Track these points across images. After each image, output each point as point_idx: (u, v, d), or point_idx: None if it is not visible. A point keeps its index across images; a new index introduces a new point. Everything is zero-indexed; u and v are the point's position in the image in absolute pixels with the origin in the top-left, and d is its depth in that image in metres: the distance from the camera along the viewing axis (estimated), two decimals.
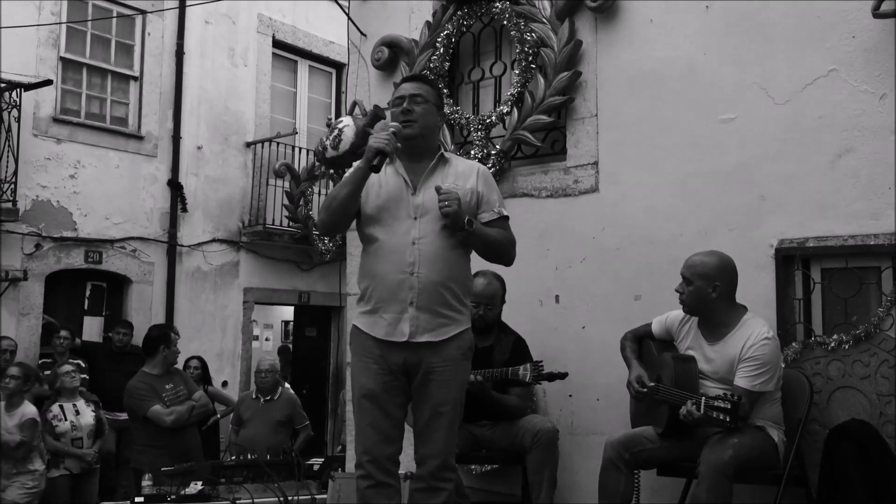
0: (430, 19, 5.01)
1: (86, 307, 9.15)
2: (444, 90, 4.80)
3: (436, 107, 3.22)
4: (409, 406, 3.18)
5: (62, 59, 8.84)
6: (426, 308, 3.02)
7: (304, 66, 11.29)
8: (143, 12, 9.28)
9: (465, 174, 3.17)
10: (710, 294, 3.42)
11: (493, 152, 4.65)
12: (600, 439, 3.71)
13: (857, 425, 3.41)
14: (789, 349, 3.68)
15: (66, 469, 6.20)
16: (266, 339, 12.83)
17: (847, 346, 3.57)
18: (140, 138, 9.39)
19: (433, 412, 3.06)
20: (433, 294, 3.02)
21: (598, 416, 4.22)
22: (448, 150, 4.31)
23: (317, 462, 5.41)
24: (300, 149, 10.50)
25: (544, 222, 4.51)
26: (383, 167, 3.04)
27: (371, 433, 3.05)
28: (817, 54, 3.73)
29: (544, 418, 4.17)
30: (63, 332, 7.68)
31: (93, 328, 9.04)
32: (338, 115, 10.36)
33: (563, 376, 4.02)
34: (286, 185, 9.77)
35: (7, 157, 7.89)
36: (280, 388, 6.70)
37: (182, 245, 9.67)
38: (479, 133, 4.75)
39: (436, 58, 4.92)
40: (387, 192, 3.11)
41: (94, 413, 6.41)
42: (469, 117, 4.84)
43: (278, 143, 10.36)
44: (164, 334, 5.72)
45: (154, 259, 9.44)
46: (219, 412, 7.72)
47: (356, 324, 3.16)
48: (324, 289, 10.75)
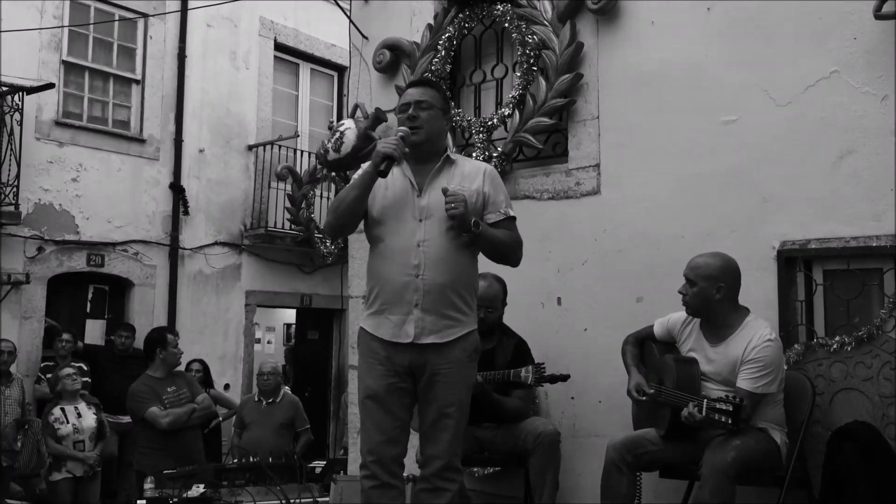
0: (432, 22, 5.02)
1: (88, 310, 9.15)
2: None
3: (442, 111, 3.22)
4: (414, 408, 3.18)
5: (64, 62, 8.84)
6: (431, 310, 3.02)
7: (305, 69, 11.29)
8: (145, 16, 9.29)
9: (471, 175, 3.17)
10: (714, 295, 3.41)
11: (494, 154, 4.65)
12: (602, 441, 3.71)
13: (859, 427, 3.40)
14: (792, 351, 3.67)
15: (69, 472, 6.20)
16: (268, 342, 12.82)
17: (849, 348, 3.56)
18: (142, 141, 9.40)
19: (439, 413, 3.06)
20: (438, 296, 3.03)
21: (600, 418, 4.22)
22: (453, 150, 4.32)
23: (319, 465, 5.41)
24: (302, 152, 10.49)
25: (546, 224, 4.51)
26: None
27: (376, 434, 3.05)
28: (819, 56, 3.72)
29: (546, 420, 4.17)
30: (65, 336, 7.69)
31: (95, 331, 9.04)
32: (339, 117, 10.39)
33: (564, 378, 4.02)
34: (288, 187, 9.77)
35: (9, 160, 7.88)
36: (282, 390, 6.72)
37: (184, 248, 9.67)
38: (481, 135, 4.75)
39: (437, 60, 4.92)
40: (393, 194, 3.12)
41: (95, 416, 6.41)
42: (470, 119, 4.84)
43: (280, 146, 10.35)
44: (160, 338, 5.68)
45: (156, 262, 9.44)
46: (221, 415, 7.72)
47: (363, 325, 3.17)
48: (326, 291, 10.74)
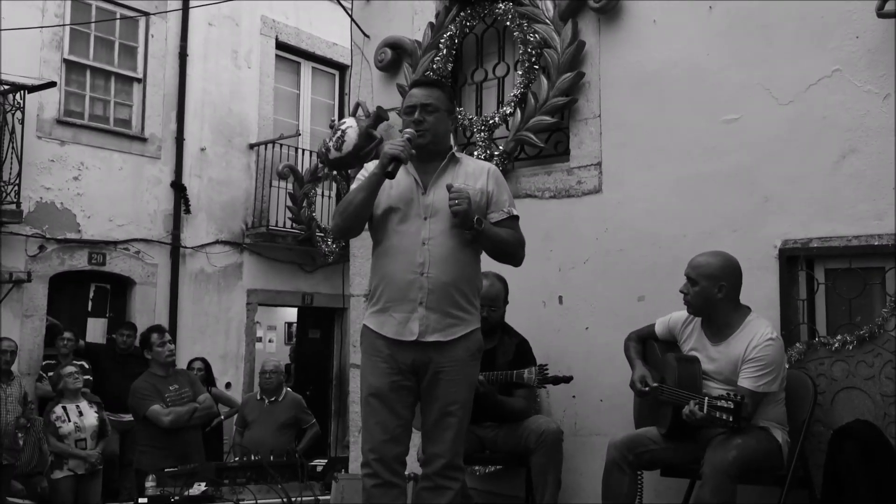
0: (434, 20, 5.01)
1: (89, 309, 9.15)
2: None
3: (447, 112, 3.22)
4: (417, 407, 3.18)
5: (66, 61, 8.84)
6: (436, 308, 3.03)
7: (307, 68, 11.29)
8: (146, 14, 9.29)
9: (475, 174, 3.18)
10: (716, 294, 3.41)
11: (496, 153, 4.65)
12: (604, 440, 3.71)
13: (861, 426, 3.40)
14: (793, 350, 3.67)
15: (70, 470, 6.20)
16: (269, 341, 12.83)
17: (851, 347, 3.56)
18: (143, 140, 9.40)
19: (441, 412, 3.06)
20: (443, 294, 3.03)
21: (602, 417, 4.22)
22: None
23: (320, 463, 5.42)
24: (303, 150, 10.49)
25: (547, 223, 4.51)
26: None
27: (378, 432, 3.06)
28: (821, 55, 3.72)
29: (548, 419, 4.16)
30: (66, 334, 7.71)
31: (96, 330, 9.04)
32: (341, 116, 10.38)
33: (568, 380, 4.03)
34: (289, 186, 9.79)
35: (11, 158, 7.90)
36: (284, 389, 6.73)
37: (185, 247, 9.67)
38: (483, 134, 4.75)
39: (439, 59, 4.92)
40: (398, 193, 3.13)
41: (96, 414, 6.42)
42: (472, 118, 4.83)
43: (281, 145, 10.36)
44: (143, 339, 5.67)
45: (157, 261, 9.45)
46: (222, 414, 7.72)
47: (366, 323, 3.17)
48: (327, 290, 10.76)
